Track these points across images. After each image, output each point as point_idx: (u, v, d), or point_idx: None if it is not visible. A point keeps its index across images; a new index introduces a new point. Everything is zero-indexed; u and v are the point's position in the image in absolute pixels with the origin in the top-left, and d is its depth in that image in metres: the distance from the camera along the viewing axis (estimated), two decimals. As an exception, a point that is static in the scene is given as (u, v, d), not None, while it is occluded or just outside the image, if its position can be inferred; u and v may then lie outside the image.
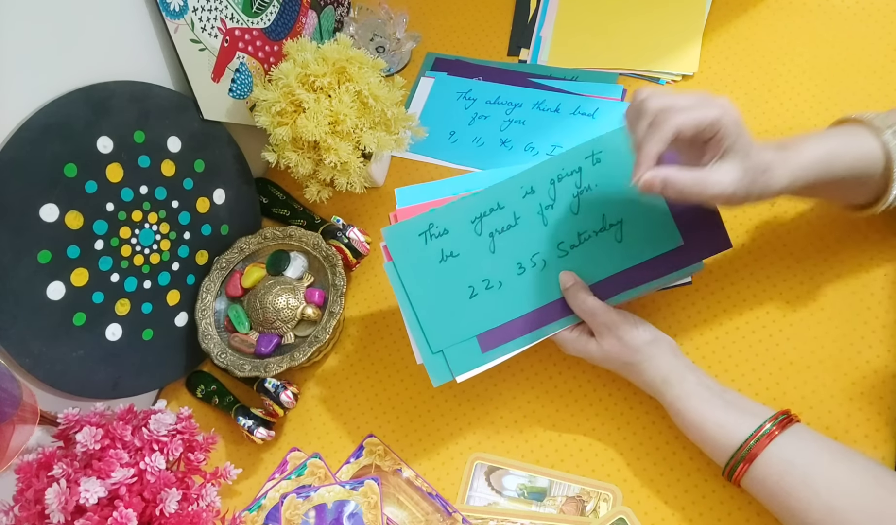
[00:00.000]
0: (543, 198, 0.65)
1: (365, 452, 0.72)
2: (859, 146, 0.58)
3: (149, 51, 0.74)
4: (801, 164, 0.56)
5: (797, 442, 0.54)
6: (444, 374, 0.64)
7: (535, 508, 0.65)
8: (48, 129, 0.64)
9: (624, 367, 0.63)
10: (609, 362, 0.63)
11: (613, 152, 0.65)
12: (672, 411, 0.61)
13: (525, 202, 0.65)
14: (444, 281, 0.65)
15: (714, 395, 0.59)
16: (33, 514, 0.57)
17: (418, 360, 0.65)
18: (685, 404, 0.59)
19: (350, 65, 0.75)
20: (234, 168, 0.83)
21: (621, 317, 0.62)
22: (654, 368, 0.61)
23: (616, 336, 0.62)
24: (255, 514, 0.70)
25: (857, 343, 0.65)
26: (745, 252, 0.71)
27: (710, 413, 0.58)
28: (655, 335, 0.62)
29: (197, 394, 0.79)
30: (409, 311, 0.65)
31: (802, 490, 0.52)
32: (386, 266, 0.65)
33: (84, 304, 0.69)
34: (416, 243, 0.65)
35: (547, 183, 0.65)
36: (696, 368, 0.61)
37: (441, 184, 0.70)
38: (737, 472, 0.56)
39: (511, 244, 0.65)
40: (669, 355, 0.61)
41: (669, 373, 0.61)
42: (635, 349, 0.61)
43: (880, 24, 0.79)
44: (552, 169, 0.65)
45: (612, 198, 0.65)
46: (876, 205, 0.60)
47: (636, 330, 0.62)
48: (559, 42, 0.90)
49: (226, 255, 0.80)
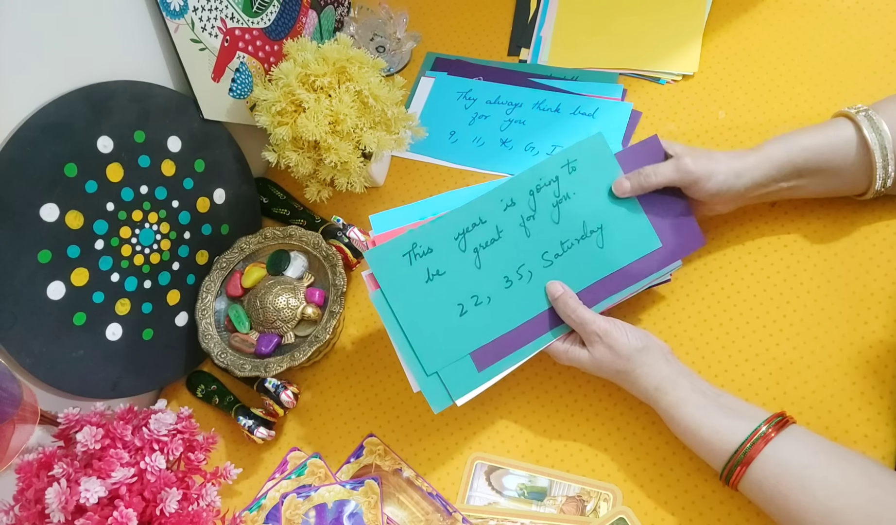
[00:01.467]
0: (524, 209, 0.66)
1: (365, 452, 0.72)
2: (835, 134, 0.63)
3: (149, 51, 0.74)
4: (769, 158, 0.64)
5: (793, 444, 0.54)
6: (444, 399, 0.64)
7: (536, 508, 0.65)
8: (48, 129, 0.64)
9: (616, 376, 0.63)
10: (601, 371, 0.63)
11: (588, 160, 0.67)
12: (666, 418, 0.61)
13: (506, 215, 0.65)
14: (432, 301, 0.64)
15: (708, 401, 0.59)
16: (33, 514, 0.57)
17: (415, 389, 0.64)
18: (679, 411, 0.59)
19: (350, 65, 0.75)
20: (235, 168, 0.83)
21: (611, 324, 0.62)
22: (646, 376, 0.61)
23: (606, 345, 0.61)
24: (255, 514, 0.70)
25: (857, 343, 0.65)
26: (745, 252, 0.71)
27: (705, 419, 0.58)
28: (646, 342, 0.62)
29: (197, 394, 0.79)
30: (401, 338, 0.64)
31: (799, 492, 0.52)
32: (372, 295, 0.64)
33: (84, 304, 0.69)
34: (400, 264, 0.64)
35: (526, 194, 0.66)
36: (689, 373, 0.61)
37: (416, 206, 0.69)
38: (734, 476, 0.56)
39: (496, 258, 0.65)
40: (661, 362, 0.61)
41: (662, 380, 0.60)
42: (626, 357, 0.61)
43: (880, 24, 0.79)
44: (530, 180, 0.66)
45: (591, 205, 0.67)
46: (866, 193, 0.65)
47: (626, 338, 0.61)
48: (559, 42, 0.90)
49: (226, 254, 0.80)
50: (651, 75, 0.85)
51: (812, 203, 0.71)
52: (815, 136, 0.64)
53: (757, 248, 0.71)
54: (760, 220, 0.72)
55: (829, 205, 0.70)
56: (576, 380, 0.70)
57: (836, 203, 0.70)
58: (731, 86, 0.81)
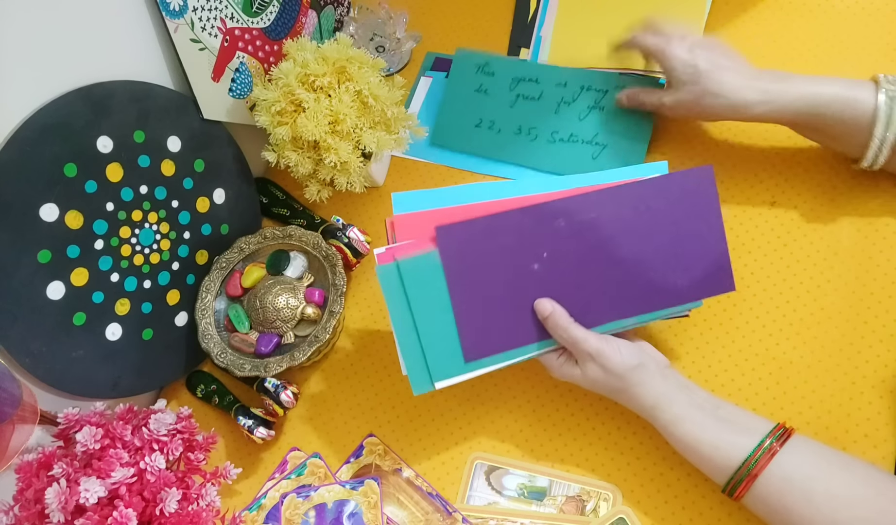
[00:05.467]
0: (567, 95, 0.81)
1: (365, 452, 0.72)
2: (854, 96, 0.62)
3: (149, 51, 0.74)
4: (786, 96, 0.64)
5: (797, 456, 0.54)
6: (425, 383, 0.62)
7: (535, 508, 0.65)
8: (48, 129, 0.64)
9: (612, 394, 0.62)
10: (595, 388, 0.62)
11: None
12: (665, 435, 0.60)
13: (555, 90, 0.82)
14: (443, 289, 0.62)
15: (706, 416, 0.57)
16: (33, 514, 0.57)
17: (403, 371, 0.63)
18: (677, 429, 0.58)
19: (350, 64, 0.75)
20: (234, 168, 0.83)
21: (603, 342, 0.60)
22: (642, 395, 0.60)
23: (599, 364, 0.60)
24: (255, 514, 0.70)
25: (857, 343, 0.65)
26: (745, 252, 0.71)
27: (703, 435, 0.57)
28: (641, 359, 0.60)
29: (197, 393, 0.79)
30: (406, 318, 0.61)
31: (803, 506, 0.52)
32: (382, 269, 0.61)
33: (84, 304, 0.69)
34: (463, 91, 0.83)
35: (578, 86, 0.82)
36: (687, 386, 0.60)
37: (441, 192, 0.66)
38: (738, 490, 0.55)
39: (527, 114, 0.81)
40: (657, 379, 0.60)
41: (658, 398, 0.59)
42: (619, 376, 0.60)
43: (880, 24, 0.78)
44: (588, 79, 0.82)
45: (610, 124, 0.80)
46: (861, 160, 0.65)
47: (619, 356, 0.60)
48: (559, 42, 0.90)
49: (226, 254, 0.80)
50: (651, 75, 0.84)
51: (812, 203, 0.71)
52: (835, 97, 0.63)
53: (757, 248, 0.71)
54: (760, 219, 0.72)
55: (829, 204, 0.70)
56: (576, 380, 0.70)
57: (837, 203, 0.70)
58: (731, 86, 0.81)
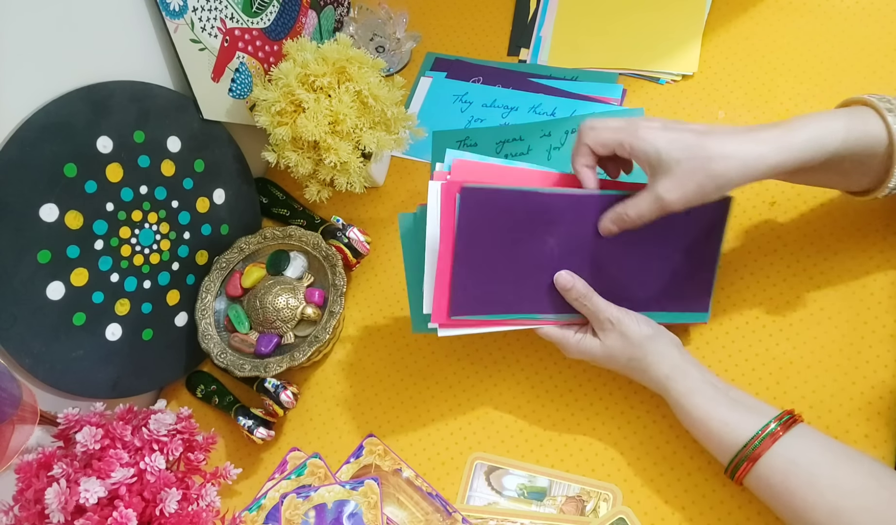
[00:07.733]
0: (555, 141, 0.79)
1: (365, 452, 0.72)
2: (863, 126, 0.56)
3: (149, 51, 0.74)
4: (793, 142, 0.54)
5: (801, 442, 0.54)
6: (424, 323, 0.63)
7: (535, 508, 0.65)
8: (48, 129, 0.64)
9: (628, 364, 0.63)
10: (612, 360, 0.63)
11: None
12: (676, 407, 0.60)
13: (541, 141, 0.79)
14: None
15: (719, 393, 0.59)
16: (33, 514, 0.57)
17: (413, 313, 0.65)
18: (689, 401, 0.59)
19: (350, 65, 0.75)
20: (234, 168, 0.83)
21: (623, 312, 0.62)
22: (658, 364, 0.61)
23: (619, 332, 0.61)
24: (255, 514, 0.70)
25: (857, 343, 0.65)
26: (745, 252, 0.71)
27: (715, 411, 0.58)
28: (657, 330, 0.62)
29: (197, 394, 0.79)
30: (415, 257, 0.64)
31: (807, 490, 0.52)
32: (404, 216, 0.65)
33: (84, 304, 0.69)
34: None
35: (562, 132, 0.79)
36: (700, 365, 0.61)
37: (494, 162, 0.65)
38: (740, 470, 0.56)
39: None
40: (674, 350, 0.61)
41: (673, 368, 0.60)
42: (638, 344, 0.61)
43: (880, 24, 0.78)
44: (570, 124, 0.80)
45: None
46: (877, 189, 0.59)
47: (638, 325, 0.62)
48: (559, 42, 0.90)
49: (226, 254, 0.80)
50: (651, 75, 0.84)
51: (812, 203, 0.71)
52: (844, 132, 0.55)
53: (757, 248, 0.71)
54: (760, 219, 0.72)
55: (829, 204, 0.70)
56: (576, 379, 0.70)
57: (837, 203, 0.70)
58: (731, 86, 0.81)
